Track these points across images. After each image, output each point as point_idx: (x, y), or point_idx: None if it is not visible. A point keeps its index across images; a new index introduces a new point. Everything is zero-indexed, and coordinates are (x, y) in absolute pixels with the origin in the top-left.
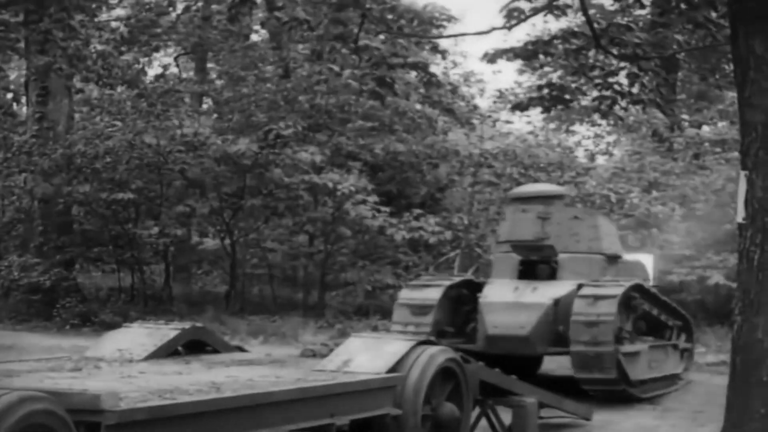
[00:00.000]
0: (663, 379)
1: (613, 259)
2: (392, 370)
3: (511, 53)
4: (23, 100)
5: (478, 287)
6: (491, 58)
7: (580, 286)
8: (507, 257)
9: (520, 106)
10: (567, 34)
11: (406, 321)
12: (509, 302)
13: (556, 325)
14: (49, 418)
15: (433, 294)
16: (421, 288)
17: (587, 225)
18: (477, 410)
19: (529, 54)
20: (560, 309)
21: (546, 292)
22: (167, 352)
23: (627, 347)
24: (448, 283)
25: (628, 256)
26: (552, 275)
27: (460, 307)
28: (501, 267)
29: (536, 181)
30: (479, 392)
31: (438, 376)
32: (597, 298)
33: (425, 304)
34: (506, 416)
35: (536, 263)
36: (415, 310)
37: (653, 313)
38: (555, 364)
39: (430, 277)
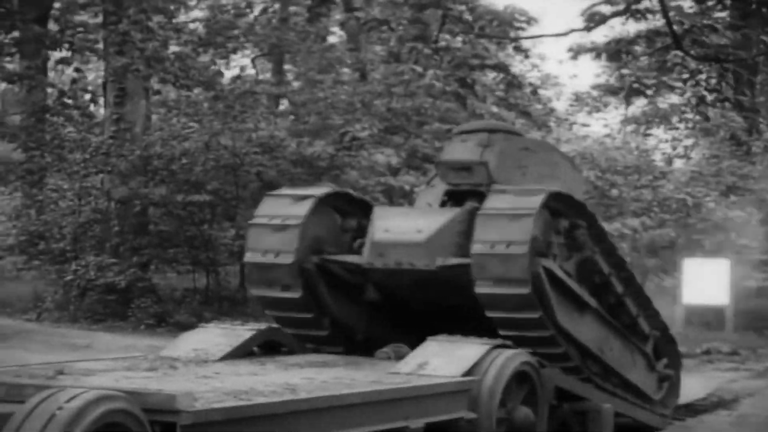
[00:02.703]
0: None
1: None
2: (467, 373)
3: (594, 51)
4: (101, 101)
5: None
6: (575, 54)
7: None
8: (430, 189)
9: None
10: (651, 34)
11: (264, 247)
12: (410, 209)
13: (467, 240)
14: (126, 417)
15: (297, 210)
16: (285, 201)
17: (540, 159)
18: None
19: (612, 52)
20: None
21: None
22: (243, 352)
23: (557, 270)
24: (321, 193)
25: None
26: None
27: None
28: (421, 199)
29: (613, 185)
30: (554, 397)
31: (513, 380)
32: (508, 216)
33: (286, 224)
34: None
35: (465, 195)
36: (274, 229)
37: (611, 277)
38: None
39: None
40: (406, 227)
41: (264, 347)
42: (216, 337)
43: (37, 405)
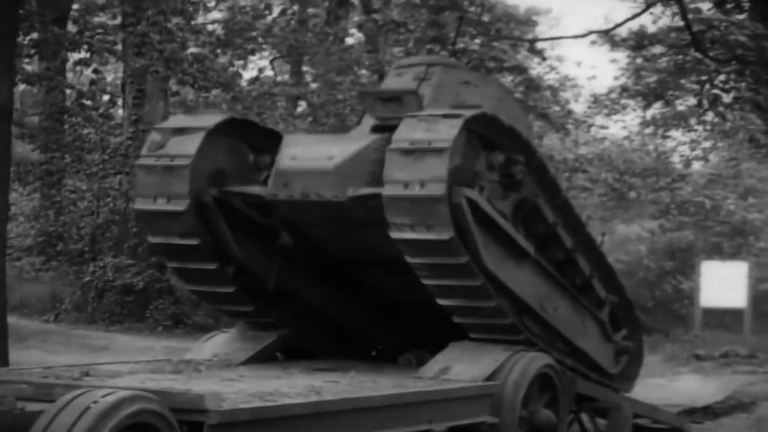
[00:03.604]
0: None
1: None
2: (489, 377)
3: (619, 38)
4: (119, 102)
5: None
6: (595, 41)
7: None
8: (357, 128)
9: (622, 96)
10: (672, 29)
11: (153, 192)
12: (324, 136)
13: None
14: (155, 417)
15: (186, 146)
16: (173, 135)
17: (482, 95)
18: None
19: (634, 43)
20: None
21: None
22: (265, 357)
23: (482, 203)
24: (212, 124)
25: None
26: None
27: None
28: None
29: (631, 187)
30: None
31: (536, 382)
32: (420, 151)
33: (173, 165)
34: None
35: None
36: (163, 170)
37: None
38: None
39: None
40: (316, 154)
41: (286, 352)
42: (238, 341)
43: (72, 400)
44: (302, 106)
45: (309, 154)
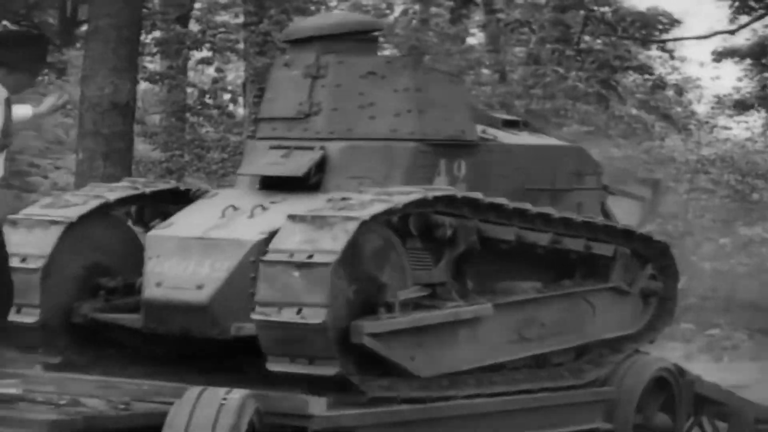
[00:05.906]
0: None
1: (453, 148)
2: (604, 383)
3: (737, 55)
4: (240, 101)
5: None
6: (717, 57)
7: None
8: (258, 147)
9: (743, 105)
10: None
11: None
12: (192, 238)
13: None
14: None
15: (42, 244)
16: (30, 227)
17: (396, 86)
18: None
19: (757, 53)
20: None
21: (266, 219)
22: None
23: (396, 325)
24: (75, 215)
25: None
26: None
27: None
28: (245, 166)
29: (754, 189)
30: (693, 405)
31: (651, 387)
32: (296, 265)
33: (25, 267)
34: None
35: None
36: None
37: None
38: None
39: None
40: (184, 276)
41: None
42: None
43: (199, 396)
44: None
45: (176, 275)
